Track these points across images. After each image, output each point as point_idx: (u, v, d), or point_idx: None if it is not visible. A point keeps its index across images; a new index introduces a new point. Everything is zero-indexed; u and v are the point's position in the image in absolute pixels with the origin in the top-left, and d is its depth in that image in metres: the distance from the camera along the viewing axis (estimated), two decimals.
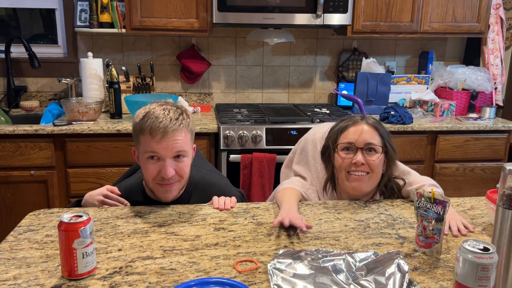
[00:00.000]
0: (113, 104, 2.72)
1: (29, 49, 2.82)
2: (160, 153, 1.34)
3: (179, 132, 1.35)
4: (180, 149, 1.36)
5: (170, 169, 1.35)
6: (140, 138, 1.37)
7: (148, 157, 1.36)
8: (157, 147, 1.33)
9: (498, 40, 3.20)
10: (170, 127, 1.33)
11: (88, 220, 1.03)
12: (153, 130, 1.32)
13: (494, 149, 2.87)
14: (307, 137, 1.80)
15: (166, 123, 1.33)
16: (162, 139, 1.33)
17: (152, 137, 1.33)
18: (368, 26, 2.90)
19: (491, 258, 0.89)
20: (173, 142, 1.34)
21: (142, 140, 1.36)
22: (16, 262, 1.10)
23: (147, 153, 1.35)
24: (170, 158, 1.35)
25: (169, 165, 1.35)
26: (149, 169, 1.37)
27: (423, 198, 1.17)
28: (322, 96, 3.39)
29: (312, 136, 1.76)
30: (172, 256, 1.14)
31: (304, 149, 1.76)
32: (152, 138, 1.33)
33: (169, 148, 1.34)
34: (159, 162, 1.36)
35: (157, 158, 1.35)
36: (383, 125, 1.59)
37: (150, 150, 1.34)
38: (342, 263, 1.09)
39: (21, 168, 2.52)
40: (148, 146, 1.34)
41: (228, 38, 3.19)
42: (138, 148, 1.42)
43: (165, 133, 1.32)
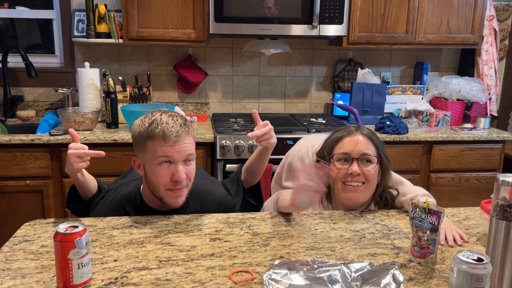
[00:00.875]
0: (109, 114, 2.73)
1: (26, 59, 2.83)
2: (174, 157, 1.37)
3: (189, 136, 1.40)
4: (190, 152, 1.40)
5: (183, 173, 1.38)
6: (148, 145, 1.37)
7: (160, 162, 1.37)
8: (171, 151, 1.36)
9: (492, 51, 3.23)
10: (182, 131, 1.38)
11: (84, 230, 1.03)
12: (167, 135, 1.35)
13: (489, 159, 2.89)
14: (293, 152, 1.79)
15: (177, 128, 1.37)
16: (175, 144, 1.36)
17: (165, 141, 1.35)
18: (363, 37, 2.93)
19: (485, 269, 0.89)
20: (184, 145, 1.38)
21: (151, 146, 1.37)
22: (11, 273, 1.09)
23: (159, 158, 1.37)
24: (181, 161, 1.38)
25: (181, 168, 1.38)
26: (161, 174, 1.38)
27: (418, 209, 1.18)
28: (318, 106, 3.41)
29: (298, 152, 1.76)
30: (168, 267, 1.14)
31: (292, 164, 1.75)
32: (166, 142, 1.35)
33: (182, 151, 1.37)
34: (171, 166, 1.38)
35: (169, 162, 1.38)
36: (377, 136, 1.60)
37: (163, 154, 1.36)
38: (337, 274, 1.09)
39: (16, 178, 2.51)
40: (161, 151, 1.36)
41: (224, 48, 3.21)
42: (143, 156, 1.41)
43: (178, 137, 1.36)
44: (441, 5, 2.96)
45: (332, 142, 1.57)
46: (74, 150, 1.42)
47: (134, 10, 2.72)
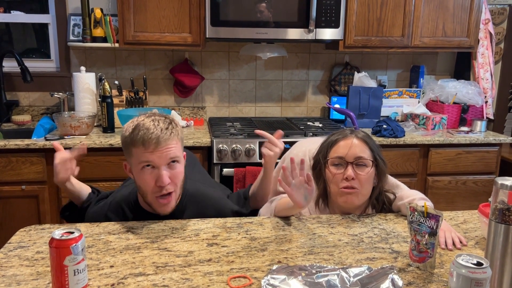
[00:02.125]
0: (105, 118, 2.72)
1: (22, 64, 2.81)
2: (155, 162, 1.36)
3: (170, 140, 1.37)
4: (173, 156, 1.38)
5: (166, 177, 1.36)
6: (132, 151, 1.38)
7: (143, 167, 1.37)
8: (152, 157, 1.35)
9: (488, 54, 3.25)
10: (162, 137, 1.35)
11: (79, 236, 1.01)
12: (146, 141, 1.34)
13: (486, 162, 2.89)
14: (288, 156, 1.78)
15: (157, 134, 1.35)
16: (155, 149, 1.35)
17: (145, 148, 1.35)
18: (359, 40, 2.94)
19: (485, 273, 0.89)
20: (166, 150, 1.36)
21: (135, 152, 1.37)
22: (6, 279, 1.08)
23: (141, 163, 1.37)
24: (164, 166, 1.37)
25: (164, 172, 1.36)
26: (145, 179, 1.38)
27: (416, 213, 1.18)
28: (315, 109, 3.41)
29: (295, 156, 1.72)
30: (165, 273, 1.12)
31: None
32: (146, 149, 1.35)
33: (163, 156, 1.36)
34: (154, 170, 1.37)
35: (152, 166, 1.37)
36: (373, 139, 1.60)
37: (144, 159, 1.36)
38: (336, 279, 1.08)
39: (12, 183, 2.49)
40: (142, 156, 1.36)
41: (221, 52, 3.21)
42: (130, 161, 1.42)
43: (158, 143, 1.35)
44: (436, 9, 2.97)
45: (327, 145, 1.57)
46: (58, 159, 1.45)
47: (130, 14, 2.71)
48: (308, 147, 1.71)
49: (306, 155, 1.69)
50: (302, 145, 1.77)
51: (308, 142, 1.76)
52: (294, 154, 1.75)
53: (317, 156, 1.59)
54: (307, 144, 1.74)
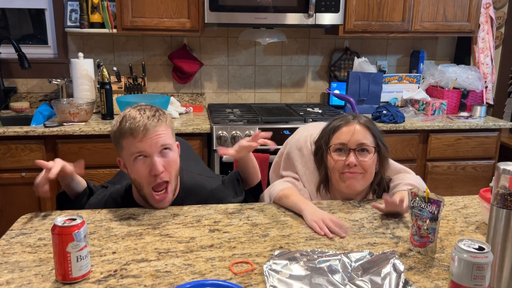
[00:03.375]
0: (104, 105, 2.70)
1: (19, 50, 2.79)
2: (146, 151, 1.35)
3: (159, 127, 1.36)
4: (164, 143, 1.37)
5: (159, 165, 1.35)
6: (123, 143, 1.37)
7: (135, 158, 1.36)
8: (142, 146, 1.34)
9: (488, 39, 3.23)
10: (150, 123, 1.35)
11: (82, 223, 1.01)
12: (134, 130, 1.34)
13: (485, 148, 2.89)
14: (291, 141, 1.77)
15: (144, 121, 1.35)
16: (144, 137, 1.34)
17: (134, 137, 1.34)
18: (359, 25, 2.91)
19: (486, 257, 0.89)
20: (156, 137, 1.35)
21: (125, 144, 1.36)
22: (9, 266, 1.08)
23: (133, 154, 1.36)
24: (156, 154, 1.36)
25: (157, 159, 1.35)
26: (139, 170, 1.37)
27: (417, 198, 1.18)
28: (315, 95, 3.39)
29: (296, 141, 1.73)
30: (167, 259, 1.13)
31: (290, 154, 1.73)
32: (135, 138, 1.34)
33: (153, 143, 1.35)
34: (147, 160, 1.36)
35: (144, 156, 1.36)
36: (375, 124, 1.59)
37: (135, 150, 1.35)
38: (337, 264, 1.09)
39: (11, 170, 2.49)
40: (133, 147, 1.35)
41: (220, 38, 3.18)
42: (122, 155, 1.41)
43: (146, 131, 1.34)
44: None
45: (329, 131, 1.56)
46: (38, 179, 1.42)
47: (128, 0, 2.68)
48: (310, 132, 1.70)
49: (308, 140, 1.68)
50: (304, 130, 1.76)
51: (310, 127, 1.75)
52: (296, 139, 1.74)
53: (319, 142, 1.59)
54: (309, 129, 1.73)
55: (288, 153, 1.73)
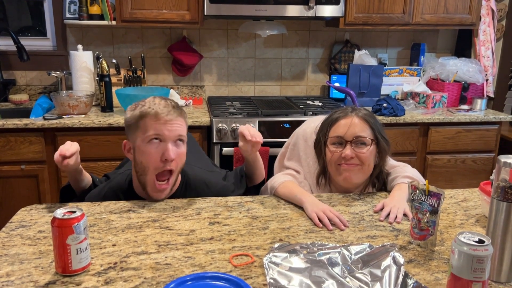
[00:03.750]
0: (104, 98, 2.70)
1: (18, 42, 2.77)
2: (165, 135, 1.37)
3: (180, 117, 1.41)
4: (181, 134, 1.40)
5: (172, 152, 1.37)
6: (140, 123, 1.38)
7: (151, 139, 1.37)
8: (163, 129, 1.37)
9: (490, 31, 3.21)
10: (174, 111, 1.40)
11: (81, 215, 1.01)
12: (159, 113, 1.37)
13: (485, 141, 2.89)
14: (298, 131, 1.78)
15: (170, 109, 1.39)
16: (167, 122, 1.37)
17: (158, 119, 1.37)
18: (360, 18, 2.90)
19: (486, 250, 0.89)
20: (176, 125, 1.39)
21: (143, 124, 1.37)
22: (9, 258, 1.08)
23: (150, 136, 1.37)
24: (171, 142, 1.38)
25: (171, 147, 1.38)
26: (151, 153, 1.37)
27: (417, 191, 1.18)
28: (315, 88, 3.38)
29: (303, 132, 1.75)
30: (167, 251, 1.13)
31: (296, 144, 1.74)
32: (158, 120, 1.37)
33: (173, 130, 1.38)
34: (160, 145, 1.37)
35: (159, 141, 1.37)
36: (375, 117, 1.58)
37: (154, 132, 1.36)
38: (337, 256, 1.09)
39: (11, 163, 2.49)
40: (152, 128, 1.36)
41: (219, 30, 3.17)
42: (134, 136, 1.40)
43: (170, 116, 1.38)
44: None
45: (328, 124, 1.56)
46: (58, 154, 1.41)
47: None
48: (316, 124, 1.70)
49: (313, 132, 1.68)
50: (312, 122, 1.75)
51: (318, 120, 1.75)
52: (303, 130, 1.75)
53: (318, 134, 1.59)
54: (317, 122, 1.72)
55: (295, 143, 1.75)
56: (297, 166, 1.70)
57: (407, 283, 0.98)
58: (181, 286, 0.96)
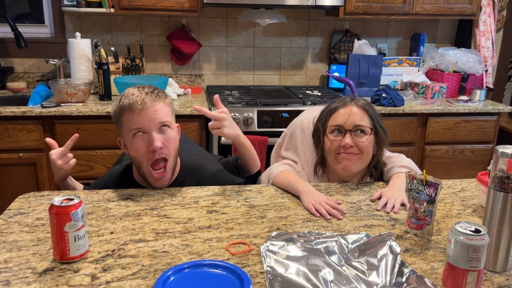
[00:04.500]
0: (102, 86, 2.69)
1: (15, 29, 2.75)
2: (144, 126, 1.35)
3: (157, 102, 1.37)
4: (162, 120, 1.37)
5: (157, 140, 1.36)
6: (122, 120, 1.38)
7: (134, 134, 1.36)
8: (140, 120, 1.34)
9: (490, 22, 3.20)
10: (148, 98, 1.36)
11: (79, 203, 1.01)
12: (132, 105, 1.35)
13: (484, 131, 2.89)
14: (295, 122, 1.78)
15: (142, 96, 1.36)
16: (142, 111, 1.34)
17: (132, 111, 1.35)
18: (360, 7, 2.88)
19: (483, 240, 0.89)
20: (154, 112, 1.36)
21: (124, 120, 1.37)
22: (7, 245, 1.09)
23: (132, 131, 1.36)
24: (155, 130, 1.36)
25: (155, 135, 1.36)
26: (137, 147, 1.37)
27: (415, 181, 1.18)
28: (314, 78, 3.37)
29: (300, 122, 1.74)
30: (165, 239, 1.13)
31: (293, 134, 1.74)
32: (132, 112, 1.35)
33: (152, 119, 1.35)
34: (145, 136, 1.36)
35: (143, 132, 1.36)
36: (373, 107, 1.58)
37: (134, 126, 1.35)
38: (334, 245, 1.09)
39: (9, 151, 2.48)
40: (131, 122, 1.35)
41: (218, 18, 3.15)
42: (122, 133, 1.41)
43: (144, 104, 1.35)
44: None
45: (326, 114, 1.56)
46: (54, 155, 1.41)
47: None
48: (315, 115, 1.69)
49: (311, 122, 1.68)
50: (310, 112, 1.75)
51: (316, 110, 1.75)
52: (300, 120, 1.75)
53: (317, 123, 1.59)
54: (315, 112, 1.72)
55: (292, 133, 1.75)
56: (294, 156, 1.70)
57: (403, 272, 0.99)
58: (179, 274, 0.97)
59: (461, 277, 0.91)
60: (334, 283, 0.95)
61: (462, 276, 0.91)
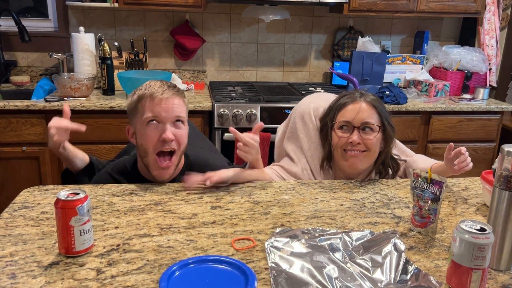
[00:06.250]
0: (105, 81, 2.69)
1: (19, 23, 2.75)
2: (161, 116, 1.37)
3: (177, 98, 1.41)
4: (179, 114, 1.40)
5: (170, 132, 1.38)
6: (139, 107, 1.40)
7: (149, 121, 1.38)
8: (158, 109, 1.37)
9: (494, 20, 3.19)
10: (169, 91, 1.40)
11: (85, 197, 1.02)
12: (154, 94, 1.38)
13: (487, 130, 2.89)
14: (296, 110, 1.76)
15: (165, 89, 1.40)
16: (162, 102, 1.38)
17: (152, 99, 1.38)
18: (364, 4, 2.87)
19: (488, 238, 0.89)
20: (173, 105, 1.39)
21: (141, 107, 1.39)
22: (12, 239, 1.09)
23: (147, 118, 1.38)
24: (169, 123, 1.39)
25: (169, 127, 1.38)
26: (149, 135, 1.38)
27: (420, 179, 1.18)
28: (317, 75, 3.37)
29: (301, 111, 1.72)
30: (170, 234, 1.14)
31: (294, 123, 1.72)
32: (152, 100, 1.38)
33: (170, 110, 1.38)
34: (159, 126, 1.38)
35: (157, 122, 1.38)
36: (382, 103, 1.58)
37: (151, 114, 1.37)
38: (338, 242, 1.09)
39: (12, 144, 2.49)
40: (149, 110, 1.37)
41: (222, 14, 3.14)
42: (134, 120, 1.42)
43: (165, 96, 1.38)
44: None
45: (335, 108, 1.55)
46: (55, 123, 1.42)
47: None
48: (315, 105, 1.68)
49: (312, 113, 1.67)
50: (310, 101, 1.73)
51: (316, 98, 1.73)
52: (302, 109, 1.72)
53: (325, 118, 1.58)
54: (315, 100, 1.71)
55: (294, 121, 1.73)
56: (295, 149, 1.68)
57: (407, 270, 0.99)
58: (184, 269, 0.97)
59: (466, 276, 0.91)
60: (339, 280, 0.95)
61: (466, 274, 0.91)
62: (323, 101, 1.68)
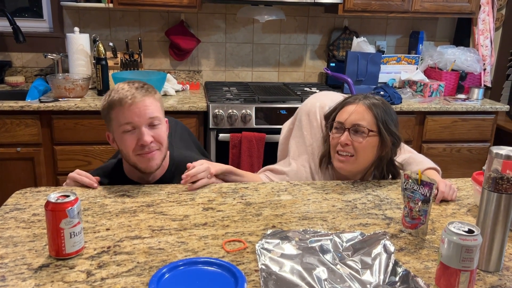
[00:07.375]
0: (100, 81, 2.68)
1: (14, 23, 2.75)
2: (134, 121, 1.36)
3: (147, 97, 1.38)
4: (152, 115, 1.38)
5: (147, 135, 1.37)
6: (112, 115, 1.38)
7: (124, 130, 1.37)
8: (130, 115, 1.35)
9: (489, 20, 3.19)
10: (138, 93, 1.37)
11: (75, 200, 1.02)
12: (122, 99, 1.35)
13: (481, 130, 2.90)
14: (302, 108, 1.76)
15: (132, 91, 1.37)
16: (132, 105, 1.35)
17: (122, 106, 1.35)
18: (359, 4, 2.88)
19: (476, 240, 0.90)
20: (143, 107, 1.36)
21: (114, 115, 1.37)
22: (3, 241, 1.09)
23: (121, 126, 1.36)
24: (144, 125, 1.37)
25: (145, 130, 1.37)
26: (127, 141, 1.38)
27: (410, 180, 1.18)
28: (312, 75, 3.37)
29: (307, 109, 1.73)
30: (161, 236, 1.14)
31: (300, 121, 1.73)
32: (123, 106, 1.35)
33: (142, 113, 1.36)
34: (135, 131, 1.37)
35: (133, 128, 1.37)
36: (384, 107, 1.51)
37: (124, 121, 1.36)
38: (329, 244, 1.10)
39: (6, 145, 2.48)
40: (121, 117, 1.36)
41: (217, 14, 3.14)
42: (111, 128, 1.42)
43: (134, 99, 1.36)
44: None
45: (337, 108, 1.55)
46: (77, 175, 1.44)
47: None
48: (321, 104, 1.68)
49: (317, 112, 1.67)
50: (316, 100, 1.73)
51: (322, 96, 1.73)
52: (308, 107, 1.73)
53: (328, 116, 1.58)
54: (321, 99, 1.71)
55: (300, 119, 1.74)
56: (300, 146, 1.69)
57: (396, 271, 0.99)
58: (173, 271, 0.97)
59: (454, 277, 0.91)
60: (328, 282, 0.95)
61: (455, 275, 0.91)
62: (329, 100, 1.69)
